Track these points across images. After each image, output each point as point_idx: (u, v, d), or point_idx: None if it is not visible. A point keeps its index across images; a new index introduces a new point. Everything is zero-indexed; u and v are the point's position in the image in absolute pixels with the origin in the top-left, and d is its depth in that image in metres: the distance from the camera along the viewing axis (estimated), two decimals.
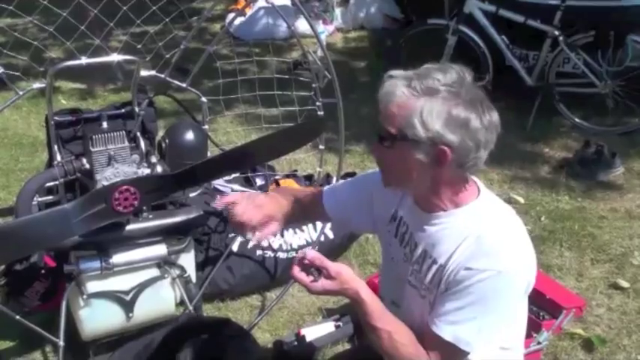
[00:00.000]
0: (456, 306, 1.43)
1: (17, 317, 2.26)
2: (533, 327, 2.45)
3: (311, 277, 1.47)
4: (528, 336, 2.40)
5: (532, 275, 1.48)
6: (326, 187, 1.87)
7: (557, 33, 4.33)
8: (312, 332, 2.56)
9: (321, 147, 2.76)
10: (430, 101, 1.37)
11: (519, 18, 4.45)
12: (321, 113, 2.64)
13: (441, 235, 1.50)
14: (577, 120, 4.43)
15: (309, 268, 1.48)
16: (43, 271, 2.41)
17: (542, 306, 2.59)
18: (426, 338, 1.48)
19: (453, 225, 1.48)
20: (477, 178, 1.55)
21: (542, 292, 2.59)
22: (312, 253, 1.48)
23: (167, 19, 2.71)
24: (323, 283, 1.47)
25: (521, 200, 3.61)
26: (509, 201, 3.58)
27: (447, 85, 1.38)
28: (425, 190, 1.49)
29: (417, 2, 6.22)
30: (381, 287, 1.76)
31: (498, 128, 1.42)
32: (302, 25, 5.44)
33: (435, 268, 1.50)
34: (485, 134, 1.39)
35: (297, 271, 1.48)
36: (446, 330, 1.44)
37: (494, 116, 1.41)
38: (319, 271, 1.47)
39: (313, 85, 2.63)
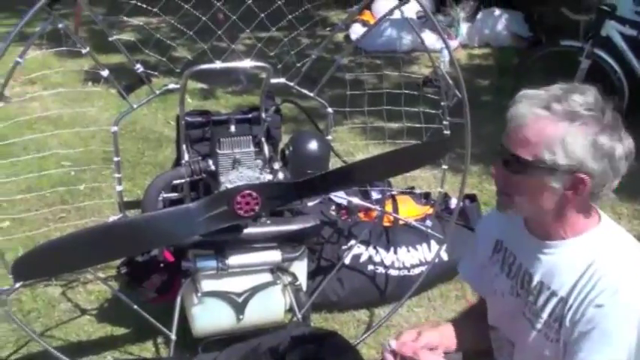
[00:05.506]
0: (594, 350, 1.33)
1: (135, 307, 2.34)
2: None
3: None
4: None
5: None
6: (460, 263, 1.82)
7: None
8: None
9: (445, 167, 2.68)
10: (572, 126, 1.29)
11: None
12: (447, 132, 2.57)
13: (559, 264, 1.41)
14: None
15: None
16: (161, 265, 2.49)
17: None
18: None
19: (572, 254, 1.39)
20: (598, 208, 1.45)
21: None
22: (394, 344, 1.45)
23: (302, 28, 2.72)
24: None
25: None
26: None
27: (588, 110, 1.30)
28: (547, 217, 1.39)
29: (548, 22, 6.01)
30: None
31: (633, 155, 1.36)
32: (426, 39, 5.37)
33: (554, 300, 1.41)
34: (625, 164, 1.34)
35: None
36: None
37: (631, 143, 1.35)
38: None
39: (442, 104, 2.55)
